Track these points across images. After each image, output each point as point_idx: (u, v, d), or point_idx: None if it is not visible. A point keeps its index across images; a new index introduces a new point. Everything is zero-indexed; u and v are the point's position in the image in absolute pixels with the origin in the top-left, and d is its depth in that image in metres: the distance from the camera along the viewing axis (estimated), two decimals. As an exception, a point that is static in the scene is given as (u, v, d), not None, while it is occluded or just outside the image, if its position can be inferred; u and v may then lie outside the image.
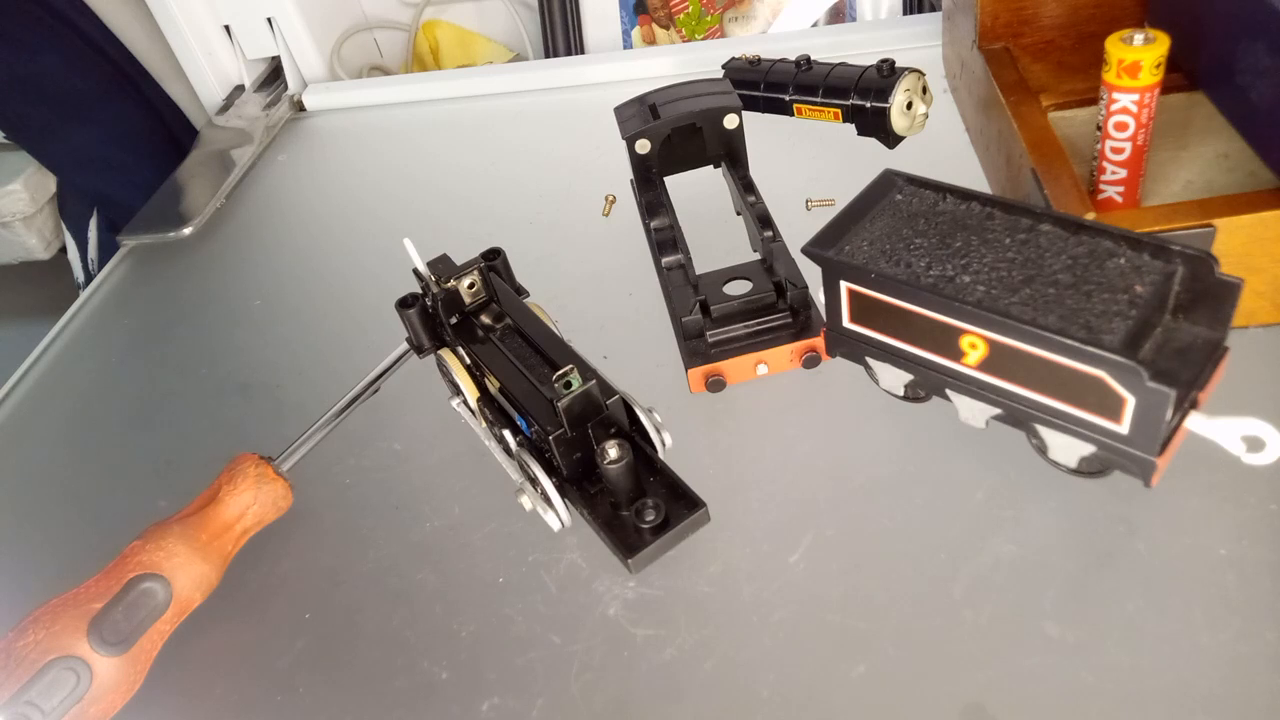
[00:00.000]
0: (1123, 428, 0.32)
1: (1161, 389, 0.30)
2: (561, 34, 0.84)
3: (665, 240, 0.47)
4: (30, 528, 0.47)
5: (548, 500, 0.37)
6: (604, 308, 0.50)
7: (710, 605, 0.36)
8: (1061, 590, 0.34)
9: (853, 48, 0.68)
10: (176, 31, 0.79)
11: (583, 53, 0.85)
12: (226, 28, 0.81)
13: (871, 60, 0.53)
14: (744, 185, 0.48)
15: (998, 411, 0.36)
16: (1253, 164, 0.43)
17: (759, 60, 0.59)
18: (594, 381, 0.36)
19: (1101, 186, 0.43)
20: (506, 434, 0.40)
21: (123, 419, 0.52)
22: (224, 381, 0.53)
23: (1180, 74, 0.46)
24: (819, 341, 0.43)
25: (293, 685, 0.37)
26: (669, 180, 0.51)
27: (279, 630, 0.39)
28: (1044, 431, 0.35)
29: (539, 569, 0.38)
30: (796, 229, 0.45)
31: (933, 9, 0.74)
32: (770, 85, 0.57)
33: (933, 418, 0.40)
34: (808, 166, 0.57)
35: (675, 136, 0.50)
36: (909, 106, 0.52)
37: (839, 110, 0.54)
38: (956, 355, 0.36)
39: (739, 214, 0.52)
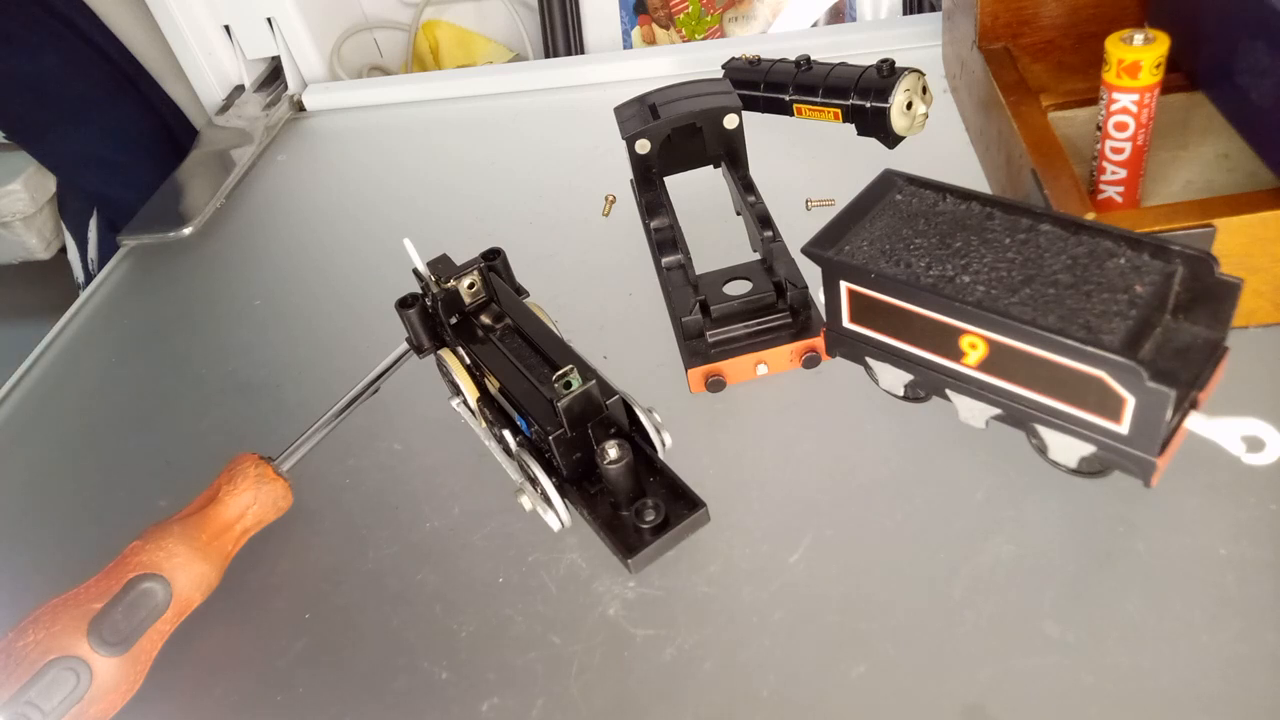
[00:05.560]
0: (1123, 428, 0.32)
1: (1161, 389, 0.30)
2: (561, 34, 0.84)
3: (665, 240, 0.47)
4: (30, 528, 0.47)
5: (548, 500, 0.37)
6: (604, 308, 0.50)
7: (710, 605, 0.36)
8: (1061, 590, 0.34)
9: (853, 48, 0.68)
10: (176, 32, 0.79)
11: (583, 53, 0.85)
12: (226, 28, 0.81)
13: (871, 60, 0.53)
14: (744, 185, 0.48)
15: (998, 411, 0.36)
16: (1253, 164, 0.43)
17: (759, 60, 0.59)
18: (594, 381, 0.36)
19: (1101, 186, 0.43)
20: (506, 434, 0.40)
21: (123, 419, 0.52)
22: (224, 381, 0.53)
23: (1180, 74, 0.46)
24: (819, 341, 0.43)
25: (293, 685, 0.37)
26: (669, 180, 0.51)
27: (279, 630, 0.39)
28: (1044, 431, 0.35)
29: (539, 569, 0.38)
30: (796, 229, 0.45)
31: (933, 9, 0.74)
32: (770, 85, 0.57)
33: (933, 418, 0.40)
34: (808, 166, 0.57)
35: (675, 136, 0.50)
36: (909, 106, 0.52)
37: (839, 110, 0.54)
38: (956, 355, 0.36)
39: (739, 214, 0.52)
